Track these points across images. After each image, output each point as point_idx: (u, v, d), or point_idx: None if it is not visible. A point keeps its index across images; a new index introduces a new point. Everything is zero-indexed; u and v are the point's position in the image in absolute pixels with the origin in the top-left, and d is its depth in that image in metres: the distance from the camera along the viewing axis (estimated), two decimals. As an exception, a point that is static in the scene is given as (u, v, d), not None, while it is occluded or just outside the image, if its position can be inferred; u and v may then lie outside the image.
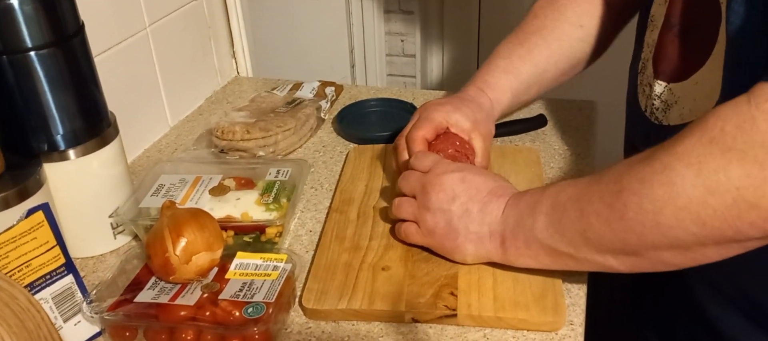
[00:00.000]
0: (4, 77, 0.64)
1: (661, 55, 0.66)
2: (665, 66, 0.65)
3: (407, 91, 1.08)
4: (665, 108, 0.65)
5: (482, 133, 0.76)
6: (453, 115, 0.75)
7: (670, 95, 0.64)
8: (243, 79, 1.17)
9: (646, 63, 0.69)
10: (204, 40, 1.08)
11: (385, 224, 0.73)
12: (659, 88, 0.66)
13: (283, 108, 0.96)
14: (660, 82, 0.66)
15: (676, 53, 0.64)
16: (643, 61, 0.70)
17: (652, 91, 0.66)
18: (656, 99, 0.66)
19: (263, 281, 0.64)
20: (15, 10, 0.62)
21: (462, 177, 0.65)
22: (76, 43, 0.67)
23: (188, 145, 0.96)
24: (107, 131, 0.72)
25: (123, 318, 0.61)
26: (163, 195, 0.76)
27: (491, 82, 0.80)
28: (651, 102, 0.67)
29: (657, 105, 0.66)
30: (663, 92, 0.65)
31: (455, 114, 0.75)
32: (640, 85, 0.70)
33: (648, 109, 0.68)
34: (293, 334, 0.63)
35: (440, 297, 0.63)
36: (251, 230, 0.72)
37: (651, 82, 0.67)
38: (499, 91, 0.80)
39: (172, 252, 0.62)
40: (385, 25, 1.91)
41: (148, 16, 0.93)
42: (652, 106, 0.67)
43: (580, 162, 0.86)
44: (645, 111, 0.68)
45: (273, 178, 0.79)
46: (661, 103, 0.65)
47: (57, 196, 0.68)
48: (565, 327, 0.61)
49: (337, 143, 0.94)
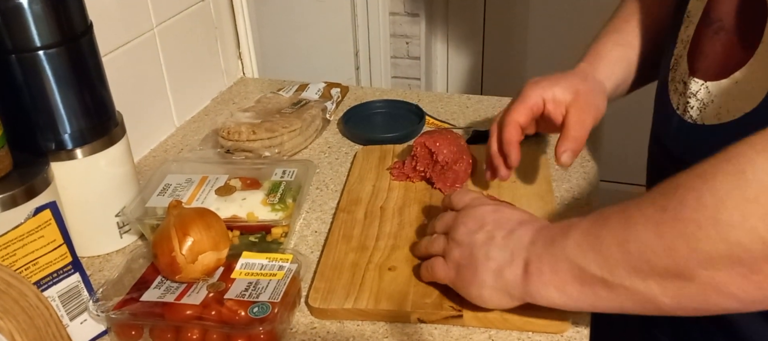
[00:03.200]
0: (13, 76, 0.64)
1: (698, 51, 0.63)
2: (702, 63, 0.62)
3: (412, 93, 1.08)
4: (701, 107, 0.62)
5: (582, 105, 0.70)
6: (550, 90, 0.70)
7: (707, 94, 0.62)
8: (249, 80, 1.17)
9: (680, 60, 0.66)
10: (210, 41, 1.08)
11: (392, 224, 0.73)
12: (695, 85, 0.63)
13: (289, 109, 0.96)
14: (696, 80, 0.63)
15: (714, 51, 0.61)
16: (675, 58, 0.67)
17: (687, 88, 0.64)
18: (691, 97, 0.63)
19: (269, 281, 0.64)
20: (24, 10, 0.62)
21: (494, 209, 0.61)
22: (85, 43, 0.68)
23: (194, 145, 0.96)
24: (114, 130, 0.72)
25: (129, 316, 0.61)
26: (170, 194, 0.76)
27: (603, 54, 0.76)
28: (685, 100, 0.64)
29: (692, 103, 0.63)
30: (699, 90, 0.62)
31: (553, 88, 0.70)
32: (672, 82, 0.67)
33: (681, 107, 0.65)
34: (298, 334, 0.63)
35: (446, 297, 0.63)
36: (257, 230, 0.72)
37: (685, 79, 0.64)
38: (612, 62, 0.75)
39: (179, 251, 0.63)
40: (390, 27, 1.91)
41: (155, 17, 0.94)
42: (687, 104, 0.64)
43: (585, 163, 0.86)
44: (677, 109, 0.65)
45: (279, 179, 0.79)
46: (697, 102, 0.63)
47: (64, 195, 0.69)
48: (571, 329, 0.61)
49: (343, 144, 0.94)
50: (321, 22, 1.75)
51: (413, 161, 0.80)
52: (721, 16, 0.61)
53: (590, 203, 0.79)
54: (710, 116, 0.61)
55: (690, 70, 0.64)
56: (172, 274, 0.64)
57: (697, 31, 0.64)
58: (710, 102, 0.61)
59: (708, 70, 0.62)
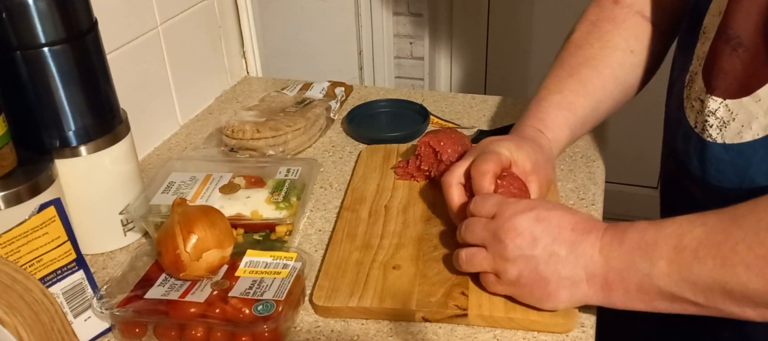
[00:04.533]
0: (18, 73, 0.64)
1: (716, 69, 0.61)
2: (721, 81, 0.61)
3: (416, 93, 1.08)
4: (721, 125, 0.61)
5: (540, 178, 0.69)
6: (517, 153, 0.68)
7: (727, 112, 0.60)
8: (253, 79, 1.17)
9: (694, 76, 0.64)
10: (215, 39, 1.08)
11: (397, 223, 0.73)
12: (714, 104, 0.61)
13: (293, 107, 0.96)
14: (715, 98, 0.61)
15: (734, 67, 0.60)
16: (690, 74, 0.65)
17: (705, 106, 0.62)
18: (710, 115, 0.61)
19: (273, 279, 0.64)
20: (29, 6, 0.62)
21: (536, 216, 0.59)
22: (89, 40, 0.68)
23: (198, 144, 0.96)
24: (119, 128, 0.72)
25: (133, 314, 0.61)
26: (174, 192, 0.76)
27: (547, 121, 0.73)
28: (704, 118, 0.62)
29: (711, 122, 0.61)
30: (718, 108, 0.61)
31: (519, 152, 0.68)
32: (688, 100, 0.65)
33: (699, 125, 0.63)
34: (302, 333, 0.63)
35: (451, 296, 0.63)
36: (261, 228, 0.72)
37: (702, 97, 0.62)
38: (557, 129, 0.73)
39: (183, 248, 0.62)
40: (393, 27, 1.91)
41: (159, 15, 0.94)
42: (705, 122, 0.62)
43: (590, 164, 0.86)
44: (695, 127, 0.64)
45: (283, 177, 0.79)
46: (716, 120, 0.61)
47: (68, 192, 0.69)
48: (577, 330, 0.61)
49: (347, 143, 0.94)
50: (325, 22, 1.75)
51: (417, 160, 0.80)
52: (739, 32, 0.59)
53: (595, 203, 0.79)
54: (731, 135, 0.60)
55: (707, 87, 0.62)
56: (176, 272, 0.64)
57: (713, 48, 0.62)
58: (731, 120, 0.60)
59: (728, 88, 0.60)
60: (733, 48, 0.59)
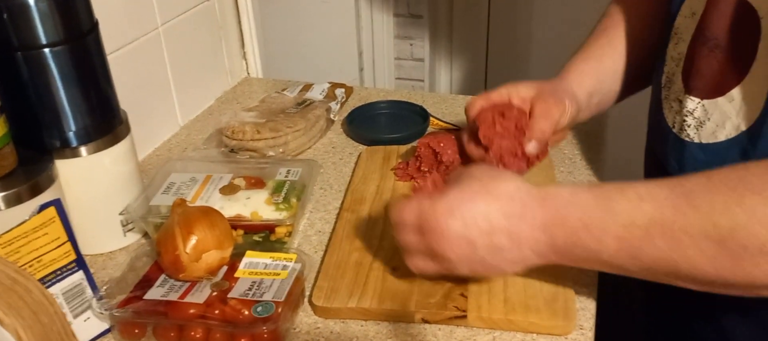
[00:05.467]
0: (18, 73, 0.64)
1: (693, 70, 0.63)
2: (698, 81, 0.62)
3: (416, 94, 1.08)
4: (698, 125, 0.62)
5: (546, 97, 0.70)
6: (514, 88, 0.73)
7: (703, 112, 0.61)
8: (253, 80, 1.17)
9: (672, 77, 0.66)
10: (215, 40, 1.08)
11: (395, 225, 0.73)
12: (692, 104, 0.62)
13: (293, 109, 0.96)
14: (693, 98, 0.62)
15: (711, 69, 0.61)
16: (666, 75, 0.67)
17: (683, 107, 0.63)
18: (688, 115, 0.63)
19: (273, 280, 0.64)
20: (30, 7, 0.62)
21: (462, 220, 0.55)
22: (90, 41, 0.68)
23: (198, 145, 0.96)
24: (119, 129, 0.72)
25: (132, 315, 0.61)
26: (174, 193, 0.76)
27: (571, 68, 0.77)
28: (681, 118, 0.64)
29: (689, 122, 0.63)
30: (696, 108, 0.62)
31: (517, 86, 0.73)
32: (666, 101, 0.67)
33: (677, 125, 0.64)
34: (302, 334, 0.63)
35: (450, 298, 0.63)
36: (261, 229, 0.72)
37: (681, 97, 0.64)
38: (581, 74, 0.76)
39: (183, 249, 0.63)
40: (394, 28, 1.91)
41: (160, 16, 0.94)
42: (683, 122, 0.63)
43: (591, 166, 0.86)
44: (673, 127, 0.65)
45: (283, 178, 0.79)
46: (694, 120, 0.62)
47: (68, 193, 0.69)
48: (575, 332, 0.61)
49: (347, 144, 0.94)
50: (325, 23, 1.75)
51: (417, 162, 0.80)
52: (716, 34, 0.60)
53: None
54: (707, 134, 0.61)
55: (685, 88, 0.64)
56: (176, 273, 0.64)
57: (691, 49, 0.64)
58: (707, 120, 0.61)
59: (704, 88, 0.61)
60: (711, 49, 0.61)
